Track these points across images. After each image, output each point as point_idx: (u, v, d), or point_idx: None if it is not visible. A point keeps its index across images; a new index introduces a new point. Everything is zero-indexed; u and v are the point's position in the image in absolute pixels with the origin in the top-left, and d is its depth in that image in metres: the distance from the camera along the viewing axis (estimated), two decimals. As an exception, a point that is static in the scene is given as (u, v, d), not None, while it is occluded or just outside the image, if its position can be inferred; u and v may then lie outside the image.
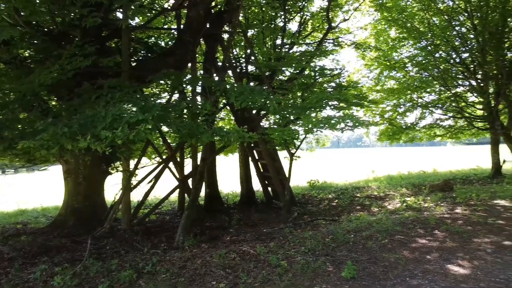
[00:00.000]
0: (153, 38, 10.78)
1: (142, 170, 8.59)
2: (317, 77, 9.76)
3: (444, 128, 16.35)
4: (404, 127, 15.41)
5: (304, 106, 8.10)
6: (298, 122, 8.65)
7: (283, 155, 9.77)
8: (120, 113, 4.67)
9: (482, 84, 14.43)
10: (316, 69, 9.45)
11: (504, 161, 14.56)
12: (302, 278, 4.47)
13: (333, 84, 10.61)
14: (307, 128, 7.89)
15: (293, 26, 17.26)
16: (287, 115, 8.24)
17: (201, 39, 8.88)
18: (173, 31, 10.75)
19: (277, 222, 7.91)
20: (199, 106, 6.33)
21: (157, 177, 8.41)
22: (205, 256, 5.45)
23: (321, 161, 34.75)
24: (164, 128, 7.22)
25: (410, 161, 29.84)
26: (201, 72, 9.61)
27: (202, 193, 9.63)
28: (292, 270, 4.70)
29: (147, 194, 8.23)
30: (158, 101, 8.22)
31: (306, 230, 6.77)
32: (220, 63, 10.07)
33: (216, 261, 5.10)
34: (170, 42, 10.54)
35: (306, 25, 12.86)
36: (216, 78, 8.70)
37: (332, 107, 8.65)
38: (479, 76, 14.54)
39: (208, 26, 8.47)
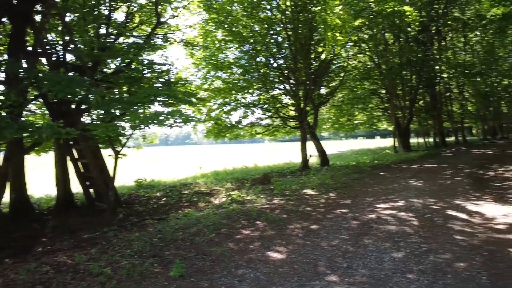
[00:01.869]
0: None
1: None
2: (146, 71, 9.43)
3: (263, 127, 18.02)
4: (229, 125, 16.32)
5: (131, 101, 7.68)
6: (124, 117, 8.16)
7: (107, 153, 9.07)
8: None
9: (294, 88, 16.40)
10: (145, 63, 9.11)
11: (310, 156, 16.87)
12: (128, 283, 4.21)
13: (162, 80, 10.41)
14: (134, 124, 7.53)
15: (119, 16, 16.28)
16: (112, 110, 7.69)
17: (4, 17, 7.51)
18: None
19: (101, 226, 7.29)
20: (1, 96, 5.32)
21: None
22: (8, 273, 4.61)
23: (150, 159, 33.93)
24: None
25: (234, 157, 31.80)
26: (5, 56, 8.15)
27: (7, 199, 8.19)
28: (116, 277, 4.37)
29: None
30: None
31: (133, 231, 6.44)
32: (30, 48, 8.72)
33: (24, 278, 4.37)
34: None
35: (134, 17, 12.28)
36: (26, 65, 7.49)
37: (161, 103, 8.46)
38: (291, 81, 16.48)
39: (15, 2, 7.21)
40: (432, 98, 28.51)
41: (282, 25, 15.88)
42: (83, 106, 9.06)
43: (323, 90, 19.39)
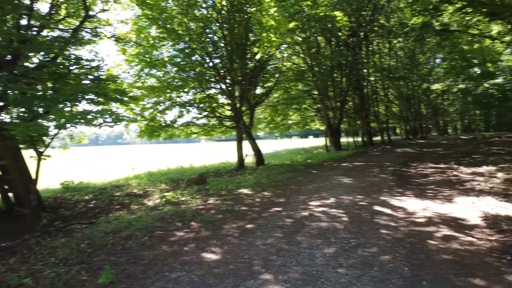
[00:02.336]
0: None
1: None
2: (73, 67, 8.88)
3: (199, 126, 17.83)
4: (163, 124, 15.90)
5: (56, 99, 7.20)
6: (48, 116, 7.61)
7: (30, 154, 8.40)
8: None
9: (230, 88, 16.41)
10: (71, 58, 8.58)
11: (246, 155, 17.01)
12: (51, 294, 3.94)
13: (91, 77, 9.86)
14: (59, 124, 7.06)
15: (43, 7, 15.19)
16: (35, 108, 7.15)
17: None
18: None
19: (21, 233, 6.74)
20: None
21: None
22: None
23: (79, 159, 32.10)
24: None
25: (169, 157, 31.14)
26: None
27: None
28: (38, 287, 4.07)
29: None
30: None
31: (58, 238, 6.04)
32: None
33: None
34: None
35: (60, 9, 11.50)
36: None
37: (89, 101, 8.02)
38: (228, 81, 16.47)
39: None
40: (360, 99, 30.10)
41: (218, 24, 15.81)
42: (0, 103, 8.31)
43: (258, 90, 19.67)
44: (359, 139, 31.15)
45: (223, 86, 16.77)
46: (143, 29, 14.98)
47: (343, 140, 32.10)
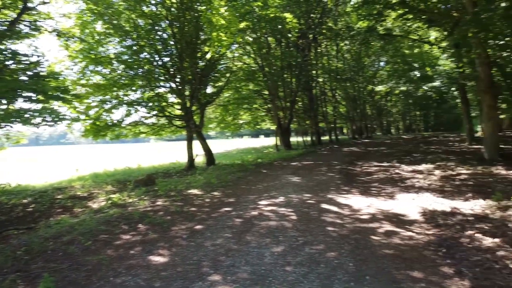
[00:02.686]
0: None
1: None
2: (9, 62, 8.32)
3: (148, 126, 17.38)
4: (110, 124, 15.32)
5: (-11, 96, 6.71)
6: (-20, 114, 7.08)
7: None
8: None
9: (180, 87, 16.14)
10: (7, 52, 8.04)
11: (196, 155, 16.84)
12: (-17, 306, 3.66)
13: (30, 73, 9.29)
14: (-8, 122, 6.59)
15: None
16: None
17: None
18: None
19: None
20: None
21: None
22: None
23: (16, 161, 30.15)
24: None
25: (116, 158, 30.11)
26: None
27: None
28: (-32, 299, 3.78)
29: None
30: None
31: (-8, 245, 5.63)
32: None
33: None
34: None
35: (-6, -1, 10.75)
36: None
37: (26, 99, 7.55)
38: (177, 79, 16.19)
39: None
40: (309, 100, 30.80)
41: (167, 22, 15.48)
42: None
43: (209, 90, 19.54)
44: (308, 138, 31.86)
45: (173, 85, 16.46)
46: (87, 24, 14.35)
47: (293, 139, 32.71)
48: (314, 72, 30.64)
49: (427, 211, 6.65)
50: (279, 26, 21.63)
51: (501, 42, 14.61)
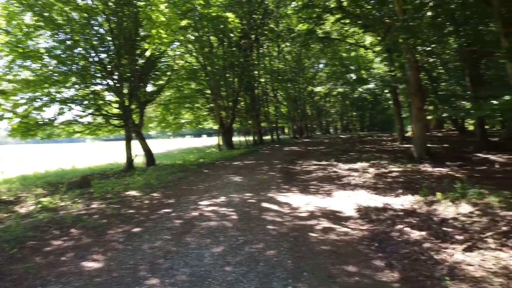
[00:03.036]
0: None
1: None
2: None
3: (83, 125, 16.50)
4: (41, 122, 14.34)
5: None
6: None
7: None
8: None
9: (118, 85, 15.52)
10: None
11: (135, 156, 16.31)
12: None
13: None
14: None
15: None
16: None
17: None
18: None
19: None
20: None
21: None
22: None
23: None
24: None
25: (49, 159, 28.28)
26: None
27: None
28: None
29: None
30: None
31: None
32: None
33: None
34: None
35: None
36: None
37: None
38: (115, 77, 15.54)
39: None
40: (252, 100, 31.06)
41: (104, 16, 14.82)
42: None
43: (150, 88, 18.99)
44: (251, 138, 32.12)
45: (111, 83, 15.79)
46: (14, 15, 13.30)
47: (236, 139, 32.80)
48: (256, 72, 30.94)
49: (362, 207, 6.98)
50: (222, 26, 21.58)
51: (428, 49, 15.74)
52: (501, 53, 8.94)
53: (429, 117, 21.17)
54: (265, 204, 7.49)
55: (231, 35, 24.84)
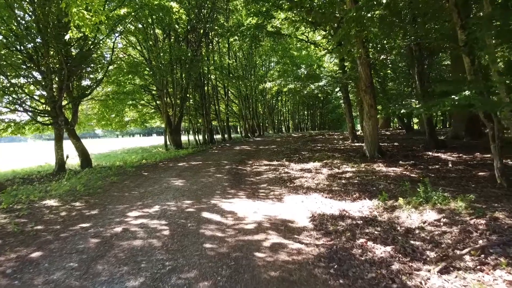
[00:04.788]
0: None
1: None
2: None
3: (4, 122, 14.48)
4: None
5: None
6: None
7: None
8: None
9: (45, 77, 13.71)
10: None
11: (67, 156, 14.58)
12: None
13: None
14: None
15: None
16: None
17: None
18: None
19: None
20: None
21: None
22: None
23: None
24: None
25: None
26: None
27: None
28: None
29: None
30: None
31: None
32: None
33: None
34: None
35: None
36: None
37: None
38: (43, 69, 13.71)
39: None
40: (201, 97, 29.75)
41: (27, -2, 12.98)
42: None
43: (86, 82, 17.18)
44: (201, 137, 30.80)
45: (37, 75, 13.93)
46: None
47: (185, 138, 31.31)
48: (206, 68, 29.64)
49: (316, 215, 6.10)
50: (166, 17, 20.06)
51: (379, 46, 15.36)
52: (457, 47, 8.45)
53: (377, 116, 21.09)
54: (205, 214, 6.40)
55: (176, 26, 23.38)
